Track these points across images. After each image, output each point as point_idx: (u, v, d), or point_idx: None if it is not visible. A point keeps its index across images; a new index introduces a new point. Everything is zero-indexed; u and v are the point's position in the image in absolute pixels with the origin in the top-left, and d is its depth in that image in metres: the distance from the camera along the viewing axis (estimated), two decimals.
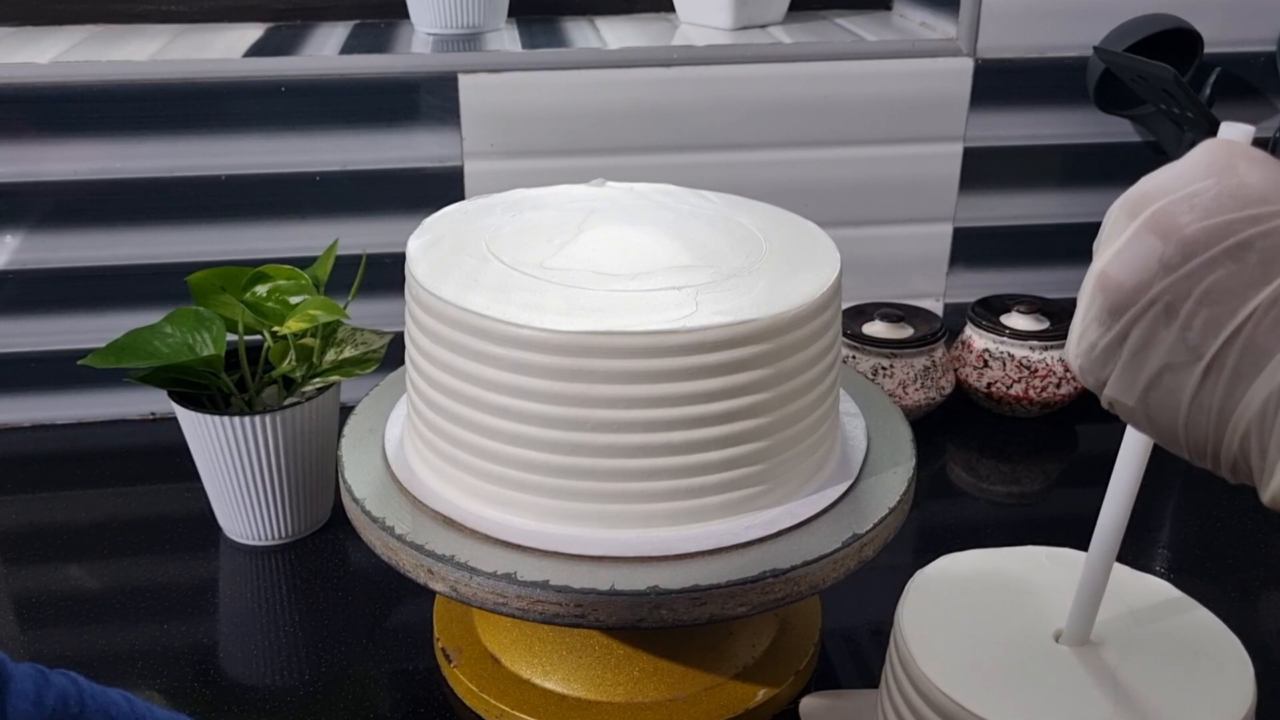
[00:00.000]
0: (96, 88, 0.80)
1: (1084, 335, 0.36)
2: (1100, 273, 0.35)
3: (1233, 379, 0.32)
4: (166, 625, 0.67)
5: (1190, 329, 0.33)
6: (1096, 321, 0.35)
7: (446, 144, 0.84)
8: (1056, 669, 0.45)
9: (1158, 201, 0.33)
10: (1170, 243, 0.33)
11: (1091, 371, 0.36)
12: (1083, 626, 0.46)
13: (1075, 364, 0.36)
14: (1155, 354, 0.33)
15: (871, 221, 0.91)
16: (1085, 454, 0.88)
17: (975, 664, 0.45)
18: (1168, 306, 0.33)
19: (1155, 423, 0.34)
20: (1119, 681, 0.44)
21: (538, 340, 0.49)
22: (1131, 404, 0.35)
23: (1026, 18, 0.86)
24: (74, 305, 0.85)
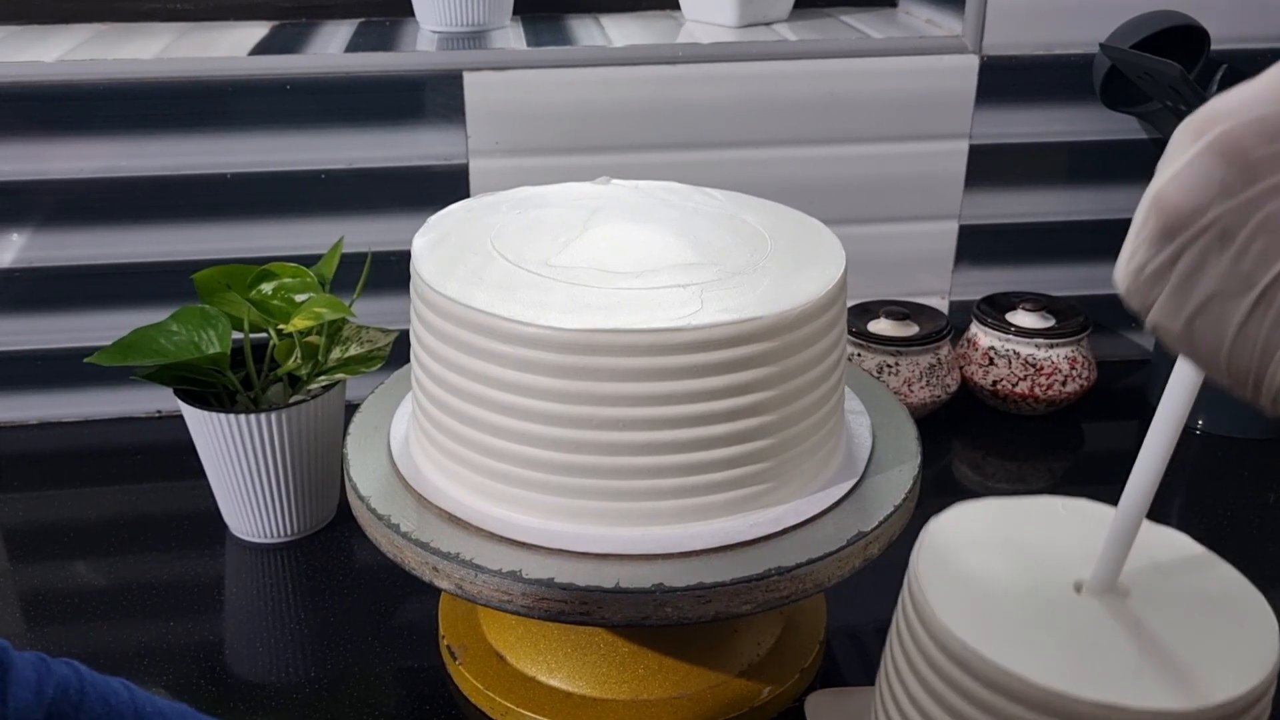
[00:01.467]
0: (102, 86, 0.80)
1: (1134, 256, 0.34)
2: (1157, 193, 0.33)
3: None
4: (173, 622, 0.67)
5: (1244, 257, 0.31)
6: (1148, 243, 0.34)
7: (452, 142, 0.84)
8: (1080, 619, 0.43)
9: (1224, 123, 0.32)
10: (1233, 166, 0.31)
11: (1138, 294, 0.34)
12: (1110, 574, 0.44)
13: (1122, 285, 0.35)
14: (1205, 281, 0.32)
15: (877, 219, 0.91)
16: (1091, 452, 0.88)
17: (995, 614, 0.43)
18: (1223, 232, 0.32)
19: (1197, 350, 0.33)
20: (1143, 632, 0.43)
21: (543, 338, 0.49)
22: (1176, 330, 0.34)
23: (1032, 14, 0.85)
24: (80, 303, 0.85)
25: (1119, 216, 0.93)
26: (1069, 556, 0.46)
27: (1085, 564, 0.45)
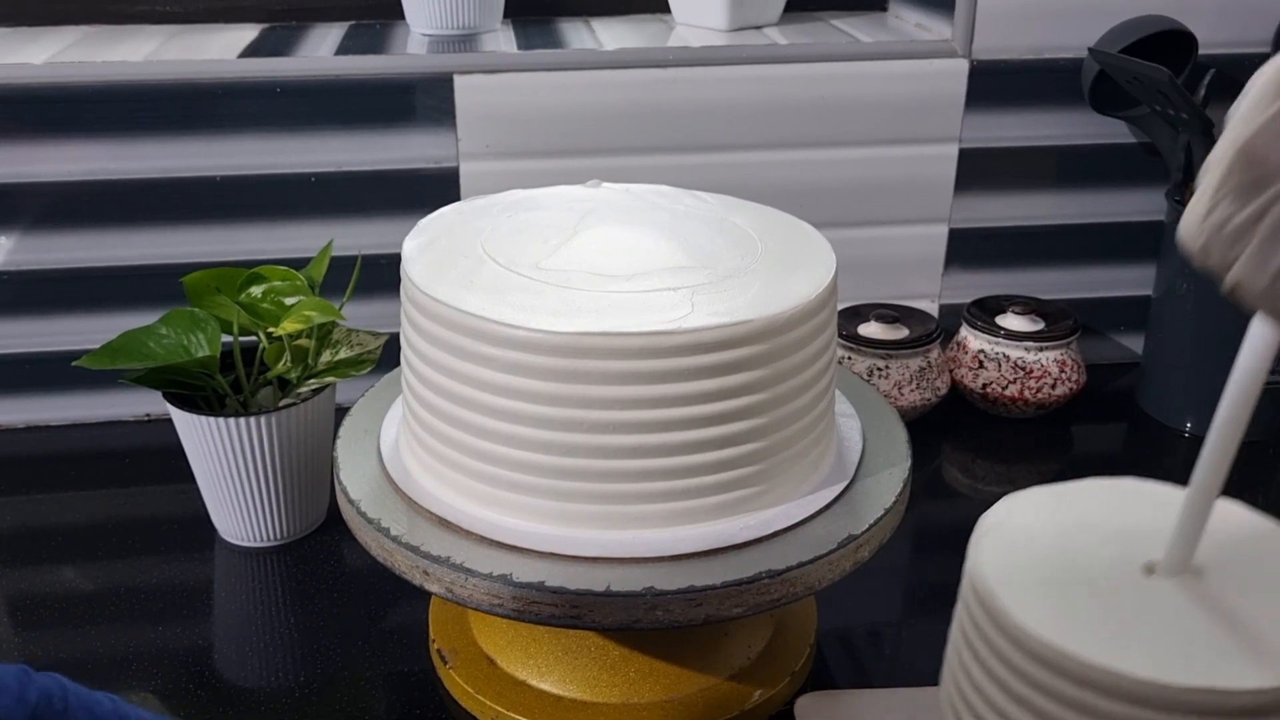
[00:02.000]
0: (91, 88, 0.79)
1: (1213, 212, 0.33)
2: (1244, 144, 0.32)
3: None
4: (161, 627, 0.66)
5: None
6: (1232, 197, 0.32)
7: (442, 145, 0.84)
8: (1159, 603, 0.41)
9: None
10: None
11: (1217, 250, 0.33)
12: (1184, 554, 0.42)
13: (1197, 242, 0.33)
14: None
15: (867, 222, 0.91)
16: (1080, 455, 0.88)
17: (1071, 606, 0.41)
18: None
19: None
20: (1226, 611, 0.40)
21: (533, 341, 0.49)
22: (1260, 287, 0.32)
23: (1021, 19, 0.86)
24: (68, 306, 0.85)
25: (1108, 220, 0.93)
26: (1134, 539, 0.44)
27: (1152, 545, 0.43)
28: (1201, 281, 0.84)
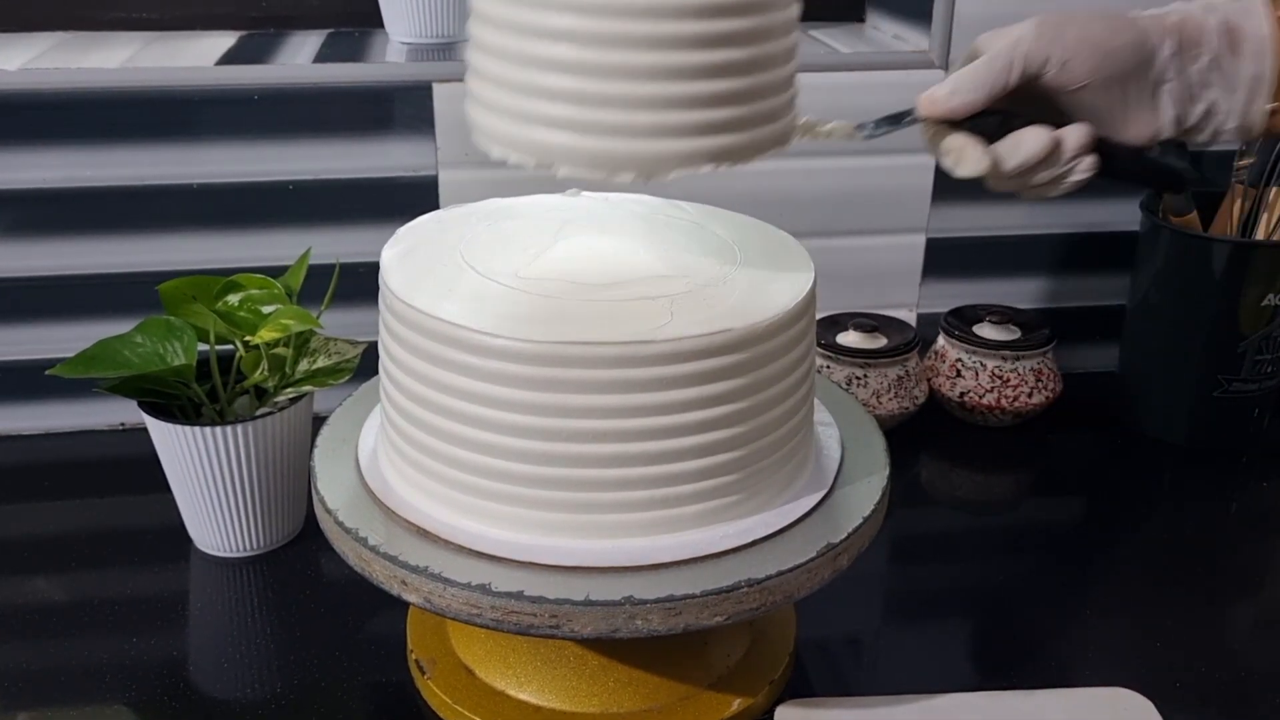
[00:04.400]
0: (66, 95, 0.79)
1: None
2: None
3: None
4: (136, 638, 0.66)
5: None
6: None
7: (421, 153, 0.84)
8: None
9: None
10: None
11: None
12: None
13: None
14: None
15: (845, 232, 0.91)
16: (1057, 463, 0.89)
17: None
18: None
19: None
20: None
21: (512, 350, 0.49)
22: None
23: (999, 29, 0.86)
24: (43, 314, 0.84)
25: (1083, 230, 0.94)
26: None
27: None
28: (1175, 292, 0.85)
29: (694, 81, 0.49)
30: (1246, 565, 0.75)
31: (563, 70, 0.48)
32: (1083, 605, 0.70)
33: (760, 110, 0.52)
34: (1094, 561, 0.75)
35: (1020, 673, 0.64)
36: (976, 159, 0.54)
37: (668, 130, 0.49)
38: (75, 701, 0.61)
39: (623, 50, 0.48)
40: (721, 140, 0.50)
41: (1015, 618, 0.69)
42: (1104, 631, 0.68)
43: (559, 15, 0.48)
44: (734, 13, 0.49)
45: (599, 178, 0.50)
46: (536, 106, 0.49)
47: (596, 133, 0.49)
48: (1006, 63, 0.54)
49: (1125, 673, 0.63)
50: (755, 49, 0.50)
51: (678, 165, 0.50)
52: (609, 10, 0.47)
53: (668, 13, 0.47)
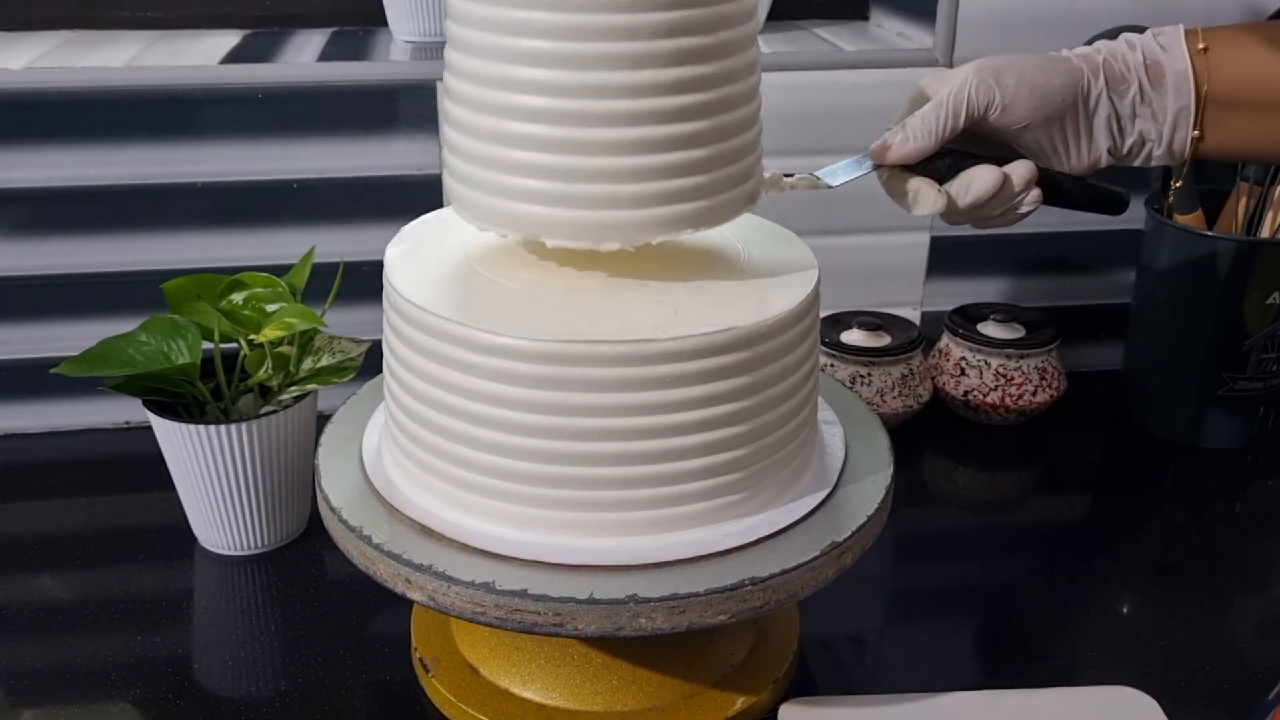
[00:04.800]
0: (71, 94, 0.79)
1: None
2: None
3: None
4: (140, 636, 0.66)
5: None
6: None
7: (424, 152, 0.84)
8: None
9: None
10: None
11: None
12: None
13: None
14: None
15: (849, 230, 0.91)
16: (1061, 461, 0.89)
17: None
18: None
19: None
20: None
21: (516, 349, 0.49)
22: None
23: (1002, 28, 0.86)
24: (48, 313, 0.84)
25: (1088, 228, 0.94)
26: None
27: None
28: (1180, 290, 0.85)
29: (676, 151, 0.50)
30: (1251, 564, 0.75)
31: (546, 148, 0.49)
32: (1087, 604, 0.70)
33: (734, 173, 0.53)
34: (1098, 560, 0.75)
35: (1024, 671, 0.64)
36: (933, 200, 0.58)
37: (652, 199, 0.50)
38: (80, 699, 0.62)
39: (605, 127, 0.49)
40: (701, 204, 0.52)
41: (1019, 616, 0.69)
42: (1108, 630, 0.68)
43: (538, 98, 0.49)
44: (709, 85, 0.50)
45: (586, 247, 0.51)
46: (521, 183, 0.50)
47: (582, 205, 0.50)
48: (953, 108, 0.57)
49: (1129, 672, 0.63)
50: (729, 115, 0.52)
51: (662, 231, 0.51)
52: (590, 91, 0.48)
53: (647, 90, 0.49)
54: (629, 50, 0.48)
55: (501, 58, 0.49)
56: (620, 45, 0.48)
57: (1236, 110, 0.59)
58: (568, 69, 0.48)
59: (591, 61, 0.48)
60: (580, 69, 0.48)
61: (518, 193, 0.51)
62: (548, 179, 0.50)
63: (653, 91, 0.49)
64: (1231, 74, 0.59)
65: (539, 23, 0.48)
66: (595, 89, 0.48)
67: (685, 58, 0.49)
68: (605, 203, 0.50)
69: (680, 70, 0.49)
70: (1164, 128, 0.59)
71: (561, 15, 0.48)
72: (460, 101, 0.52)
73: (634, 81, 0.48)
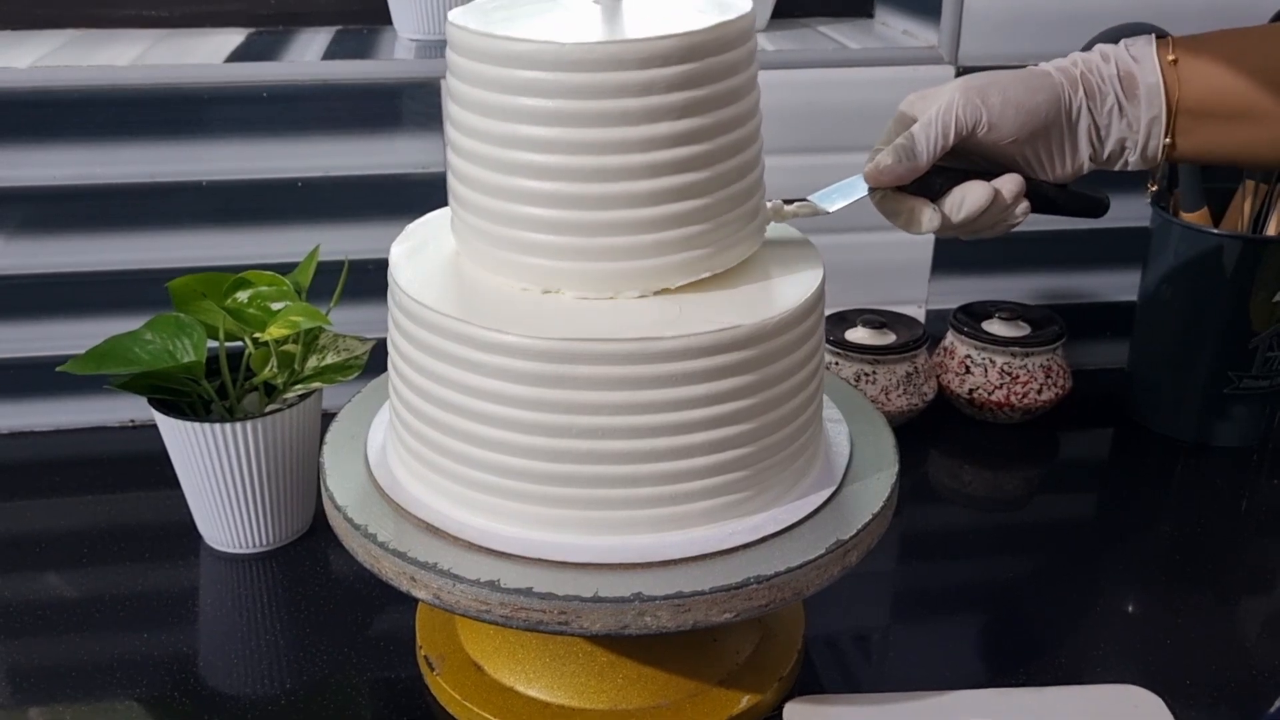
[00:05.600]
0: (77, 92, 0.79)
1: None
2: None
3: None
4: (146, 634, 0.66)
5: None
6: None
7: (429, 150, 0.84)
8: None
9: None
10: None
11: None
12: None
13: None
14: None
15: (854, 228, 0.91)
16: (1066, 460, 0.88)
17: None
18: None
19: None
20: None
21: (521, 347, 0.49)
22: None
23: (1007, 26, 0.86)
24: (54, 311, 0.84)
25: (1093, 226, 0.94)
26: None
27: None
28: (1186, 288, 0.85)
29: (695, 199, 0.51)
30: (1257, 563, 0.75)
31: (563, 204, 0.50)
32: (1093, 602, 0.70)
33: (746, 211, 0.54)
34: (1104, 558, 0.74)
35: (1030, 670, 0.63)
36: (928, 218, 0.59)
37: (672, 246, 0.51)
38: (86, 697, 0.62)
39: (622, 180, 0.50)
40: (718, 247, 0.53)
41: (1025, 614, 0.69)
42: (1114, 628, 0.68)
43: (553, 156, 0.49)
44: (721, 131, 0.51)
45: (605, 297, 0.52)
46: (538, 238, 0.51)
47: (601, 258, 0.51)
48: (942, 128, 0.59)
49: (1135, 670, 0.63)
50: (741, 158, 0.53)
51: (682, 276, 0.52)
52: (607, 147, 0.49)
53: (662, 142, 0.49)
54: (643, 105, 0.49)
55: (514, 118, 0.50)
56: (635, 101, 0.49)
57: (1206, 119, 0.61)
58: (584, 126, 0.49)
59: (608, 118, 0.49)
60: (597, 126, 0.49)
61: (535, 248, 0.51)
62: (568, 234, 0.51)
63: (668, 143, 0.50)
64: (1201, 84, 0.61)
65: (554, 83, 0.48)
66: (612, 144, 0.49)
67: (698, 108, 0.50)
68: (625, 254, 0.51)
69: (693, 121, 0.50)
70: (1139, 136, 0.61)
71: (579, 75, 0.48)
72: (471, 159, 0.52)
73: (650, 134, 0.49)
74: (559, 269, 0.51)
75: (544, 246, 0.51)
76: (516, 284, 0.52)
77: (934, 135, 0.58)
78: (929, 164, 0.59)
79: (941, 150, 0.59)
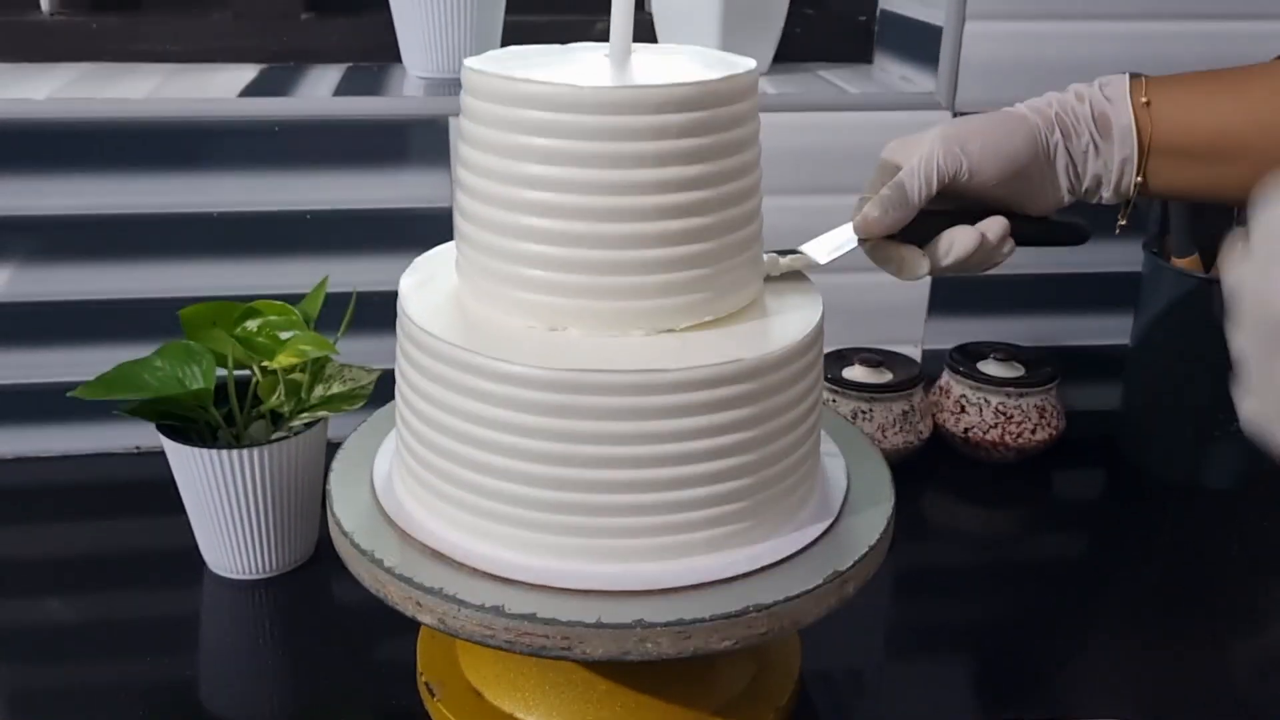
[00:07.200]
0: (92, 124, 0.81)
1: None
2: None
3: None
4: (148, 659, 0.67)
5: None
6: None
7: (436, 185, 0.85)
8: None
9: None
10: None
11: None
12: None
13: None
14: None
15: (853, 268, 0.92)
16: (1059, 499, 0.89)
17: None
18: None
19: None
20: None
21: (527, 376, 0.50)
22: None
23: (1003, 72, 0.88)
24: (65, 338, 0.85)
25: (1086, 270, 0.95)
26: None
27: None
28: (1177, 331, 0.86)
29: (703, 243, 0.53)
30: (1248, 605, 0.76)
31: (573, 243, 0.51)
32: (1085, 641, 0.71)
33: (749, 257, 0.56)
34: (1096, 598, 0.75)
35: (1022, 706, 0.64)
36: (917, 264, 0.62)
37: (678, 288, 0.53)
38: None
39: (630, 221, 0.51)
40: (720, 291, 0.55)
41: (1018, 652, 0.70)
42: (1106, 668, 0.68)
43: (566, 195, 0.51)
44: (725, 179, 0.53)
45: (612, 336, 0.53)
46: (547, 275, 0.52)
47: (607, 297, 0.52)
48: (924, 179, 0.61)
49: (1127, 709, 0.64)
50: (746, 205, 0.55)
51: (686, 318, 0.54)
52: (619, 188, 0.51)
53: (671, 186, 0.51)
54: (655, 149, 0.51)
55: (531, 158, 0.51)
56: (647, 144, 0.50)
57: (1178, 158, 0.63)
58: (597, 168, 0.50)
59: (621, 160, 0.50)
60: (610, 167, 0.50)
61: (544, 286, 0.53)
62: (578, 273, 0.52)
63: (677, 187, 0.51)
64: (1172, 126, 0.63)
65: (570, 125, 0.50)
66: (624, 186, 0.51)
67: (706, 154, 0.52)
68: (631, 294, 0.52)
69: (701, 167, 0.52)
70: (1113, 173, 0.63)
71: (595, 118, 0.50)
72: (483, 199, 0.53)
73: (660, 177, 0.51)
74: (565, 306, 0.53)
75: (552, 284, 0.52)
76: (522, 322, 0.54)
77: (917, 185, 0.61)
78: (913, 213, 0.61)
79: (925, 198, 0.61)
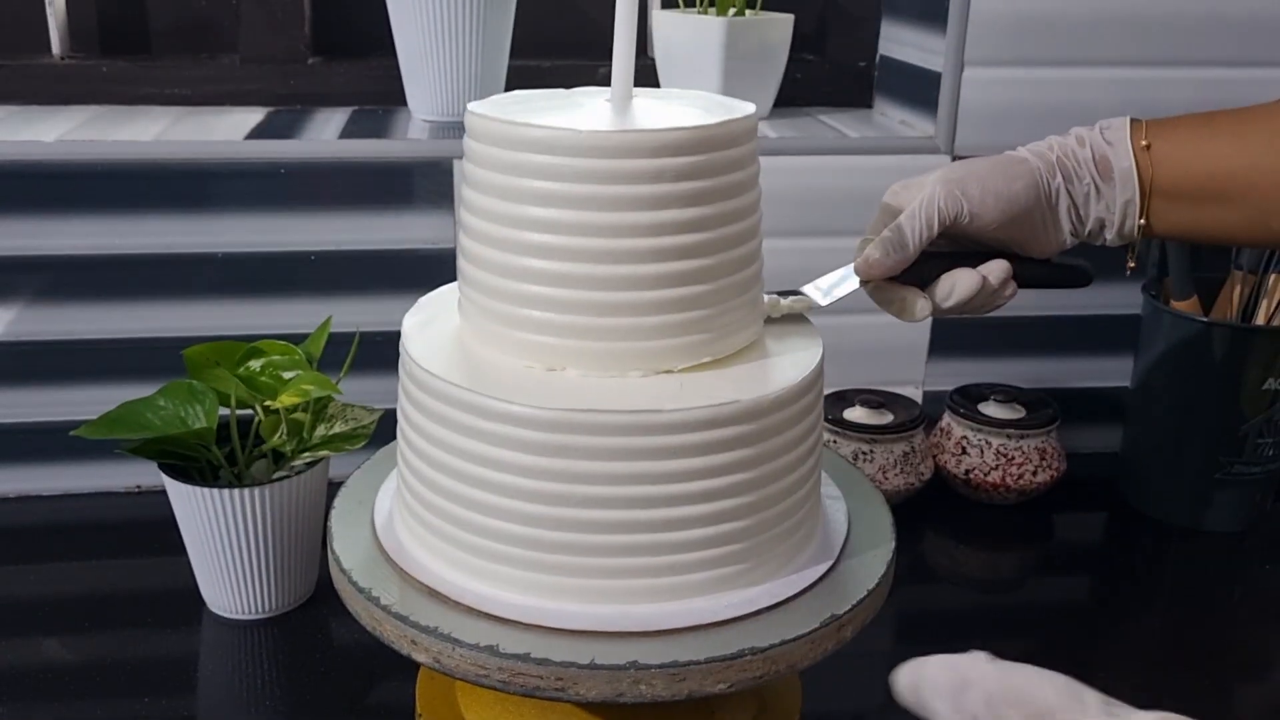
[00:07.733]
0: (100, 166, 0.82)
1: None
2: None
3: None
4: (147, 699, 0.66)
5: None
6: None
7: (440, 226, 0.86)
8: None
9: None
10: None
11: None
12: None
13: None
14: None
15: (852, 310, 0.92)
16: (1060, 542, 0.89)
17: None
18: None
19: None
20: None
21: (525, 416, 0.50)
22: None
23: (1001, 117, 0.89)
24: (70, 377, 0.86)
25: (1086, 313, 0.96)
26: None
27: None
28: (1177, 375, 0.86)
29: (705, 284, 0.53)
30: (1249, 648, 0.75)
31: (571, 284, 0.52)
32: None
33: (749, 298, 0.56)
34: (1096, 641, 0.75)
35: None
36: (919, 307, 0.62)
37: (677, 329, 0.53)
38: None
39: (629, 263, 0.52)
40: (720, 332, 0.55)
41: None
42: None
43: (566, 237, 0.51)
44: (723, 222, 0.53)
45: (611, 377, 0.53)
46: (547, 316, 0.53)
47: (606, 338, 0.53)
48: (925, 222, 0.61)
49: None
50: (747, 246, 0.55)
51: (684, 360, 0.54)
52: (618, 230, 0.51)
53: (670, 228, 0.52)
54: (653, 192, 0.51)
55: (531, 201, 0.52)
56: (645, 187, 0.51)
57: (1180, 200, 0.63)
58: (596, 210, 0.51)
59: (620, 203, 0.51)
60: (609, 210, 0.51)
61: (543, 326, 0.53)
62: (576, 314, 0.52)
63: (675, 229, 0.52)
64: (1173, 169, 0.63)
65: (569, 168, 0.51)
66: (622, 228, 0.51)
67: (704, 197, 0.52)
68: (629, 335, 0.53)
69: (699, 210, 0.52)
70: (1115, 216, 0.63)
71: (594, 161, 0.50)
72: (485, 242, 0.54)
73: (658, 220, 0.51)
74: (564, 347, 0.53)
75: (551, 325, 0.53)
76: (521, 362, 0.54)
77: (919, 228, 0.61)
78: (915, 256, 0.61)
79: (927, 241, 0.61)
